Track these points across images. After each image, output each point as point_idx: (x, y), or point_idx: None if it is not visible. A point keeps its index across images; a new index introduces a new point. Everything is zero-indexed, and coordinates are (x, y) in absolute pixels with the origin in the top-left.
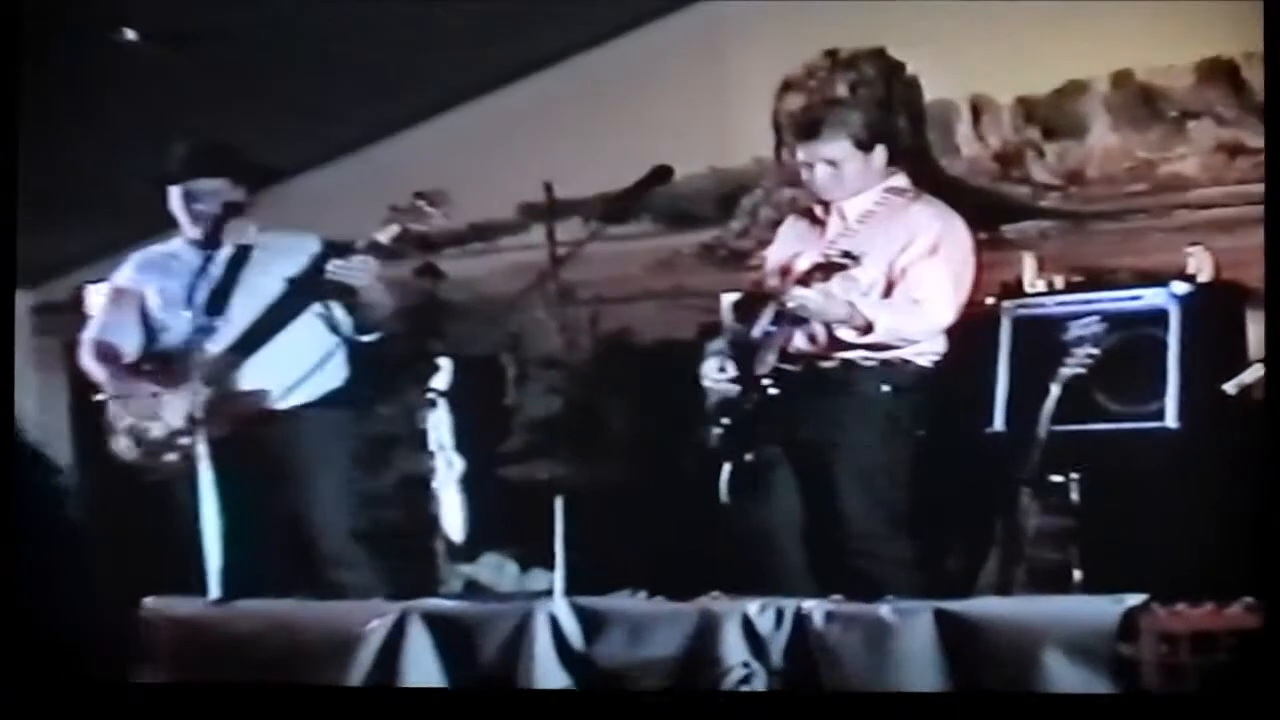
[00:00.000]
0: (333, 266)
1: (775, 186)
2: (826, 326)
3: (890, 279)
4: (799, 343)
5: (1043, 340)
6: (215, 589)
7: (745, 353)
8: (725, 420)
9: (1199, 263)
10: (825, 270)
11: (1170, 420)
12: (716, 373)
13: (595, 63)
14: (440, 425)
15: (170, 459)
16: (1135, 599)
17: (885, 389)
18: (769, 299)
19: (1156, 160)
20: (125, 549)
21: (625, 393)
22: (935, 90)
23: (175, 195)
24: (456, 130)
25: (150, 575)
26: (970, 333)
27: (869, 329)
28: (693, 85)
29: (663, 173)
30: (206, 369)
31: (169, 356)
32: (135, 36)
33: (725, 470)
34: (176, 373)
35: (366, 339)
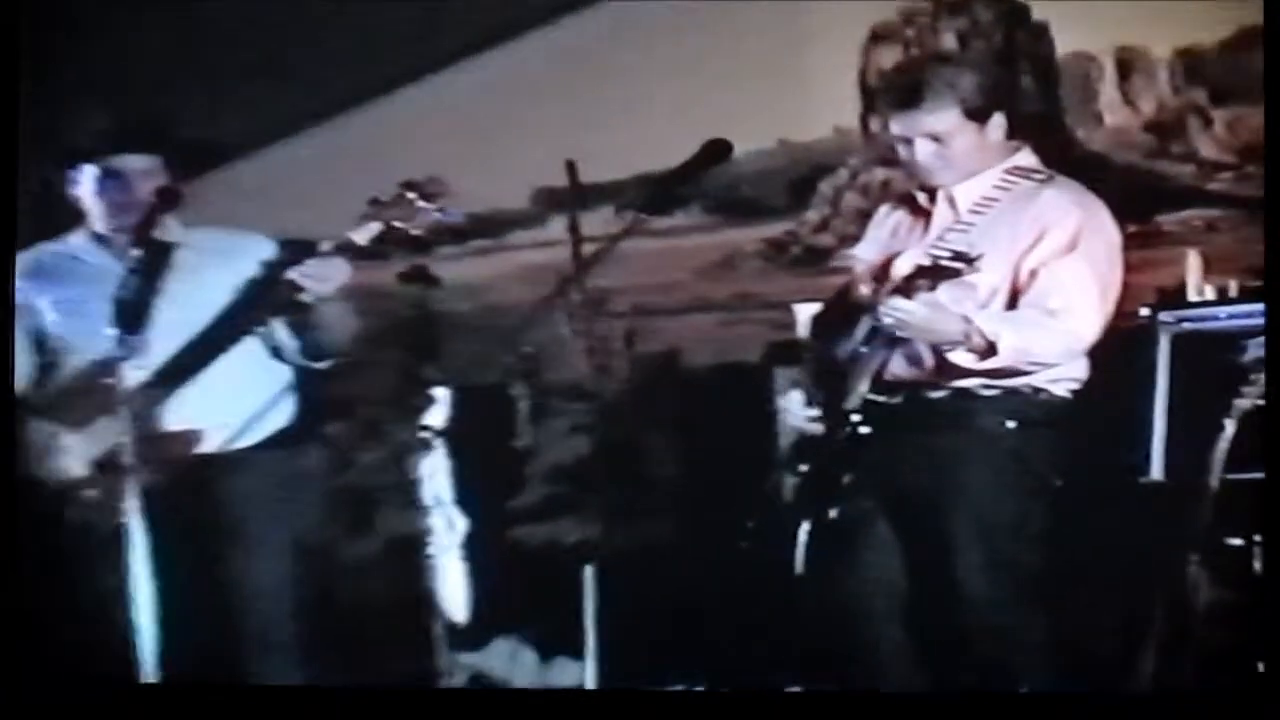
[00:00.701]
0: (293, 274)
1: (863, 166)
2: (934, 347)
3: (1015, 285)
4: (898, 368)
5: (1212, 362)
6: (146, 671)
7: (828, 380)
8: (803, 466)
9: None
10: (932, 275)
11: None
12: (794, 406)
13: (631, 7)
14: (436, 474)
15: (81, 516)
16: None
17: (1010, 425)
18: (859, 311)
19: None
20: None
21: (672, 432)
22: (1070, 42)
23: (87, 178)
24: (452, 97)
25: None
26: (1118, 353)
27: (990, 350)
28: (756, 37)
29: (719, 149)
30: (124, 403)
31: (72, 388)
32: None
33: (803, 530)
34: (81, 408)
35: (316, 365)
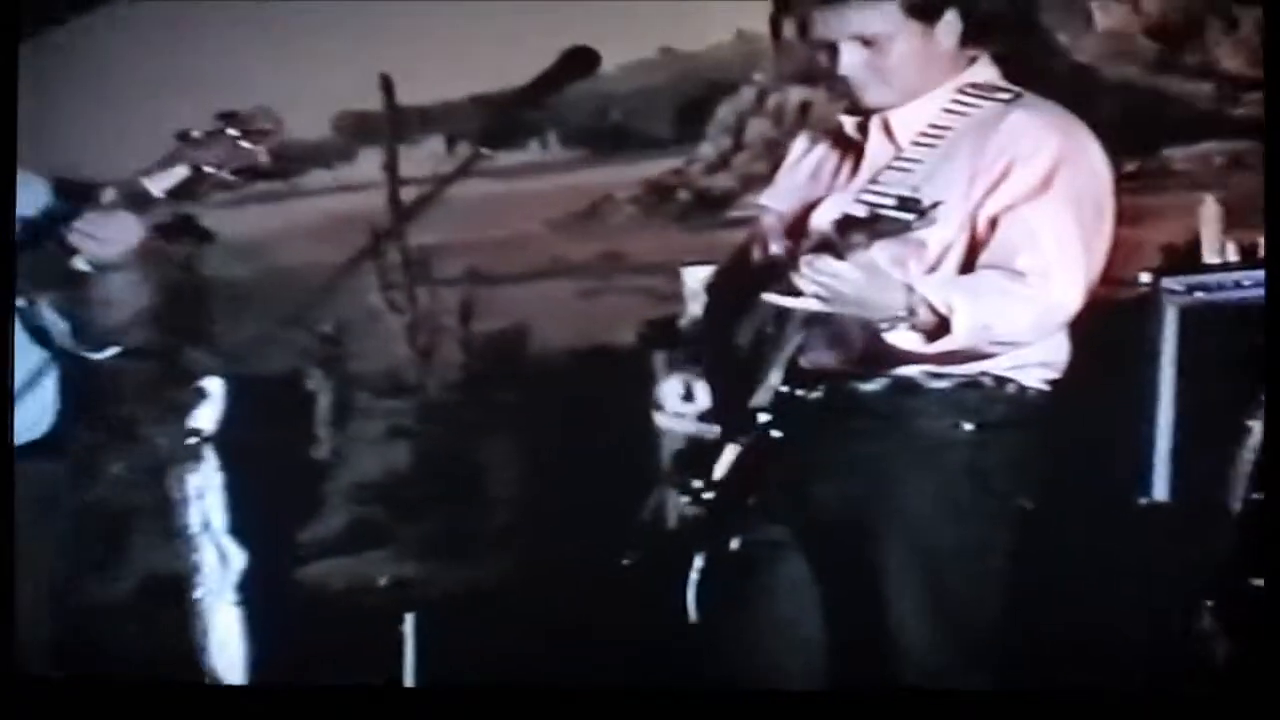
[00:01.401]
0: (67, 232)
1: (774, 84)
2: (867, 325)
3: (974, 240)
4: (819, 353)
5: (1233, 344)
6: None
7: (726, 370)
8: (694, 483)
9: None
10: (866, 229)
11: None
12: (679, 402)
13: None
14: (206, 493)
15: None
16: None
17: (967, 428)
18: (767, 278)
19: None
20: None
21: (518, 437)
22: None
23: None
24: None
25: None
26: (1110, 332)
27: (940, 328)
28: None
29: (582, 60)
30: None
31: None
32: None
33: (695, 567)
34: None
35: (95, 356)
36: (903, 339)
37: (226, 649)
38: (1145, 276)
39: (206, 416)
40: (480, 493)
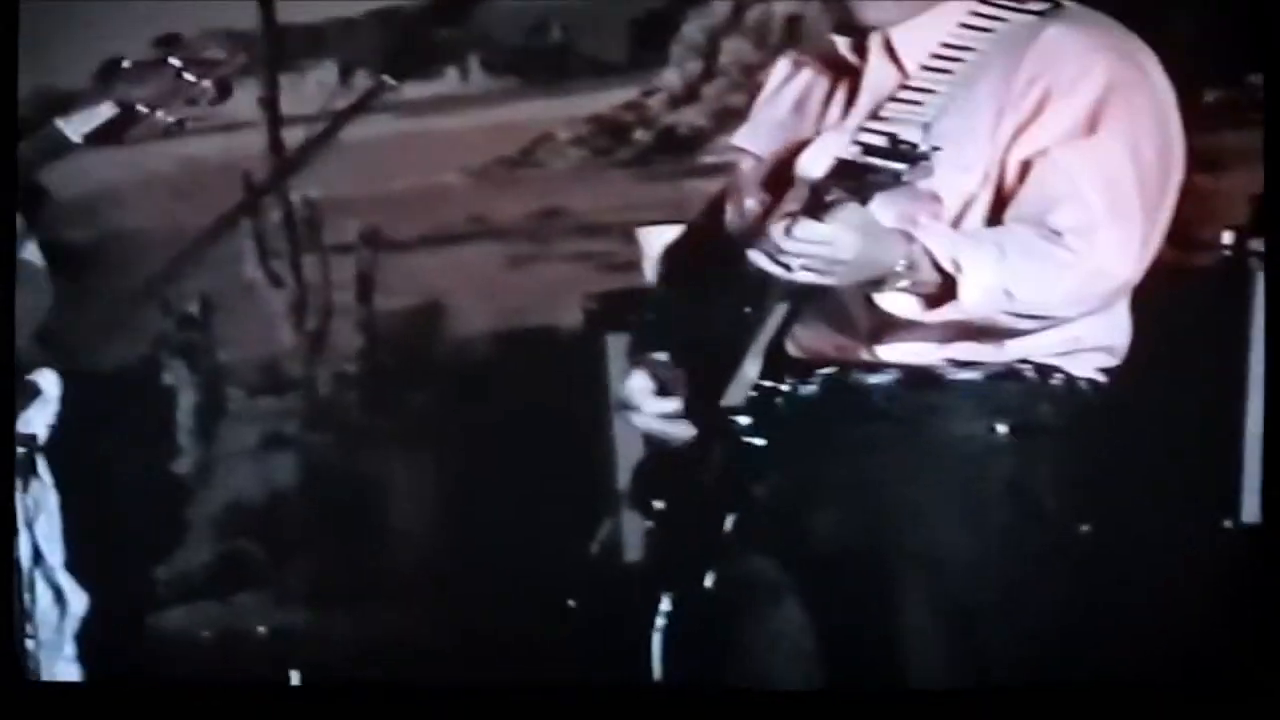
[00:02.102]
0: None
1: None
2: (867, 299)
3: (1000, 189)
4: (812, 335)
5: None
6: None
7: (696, 359)
8: (657, 503)
9: None
10: (855, 178)
11: None
12: (653, 399)
13: None
14: (39, 516)
15: None
16: None
17: (1001, 431)
18: (744, 241)
19: None
20: None
21: (432, 445)
22: None
23: None
24: None
25: None
26: (1184, 306)
27: (945, 290)
28: None
29: None
30: None
31: None
32: None
33: (662, 608)
34: None
35: None
36: (896, 303)
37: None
38: (1228, 236)
39: (38, 420)
40: (382, 520)
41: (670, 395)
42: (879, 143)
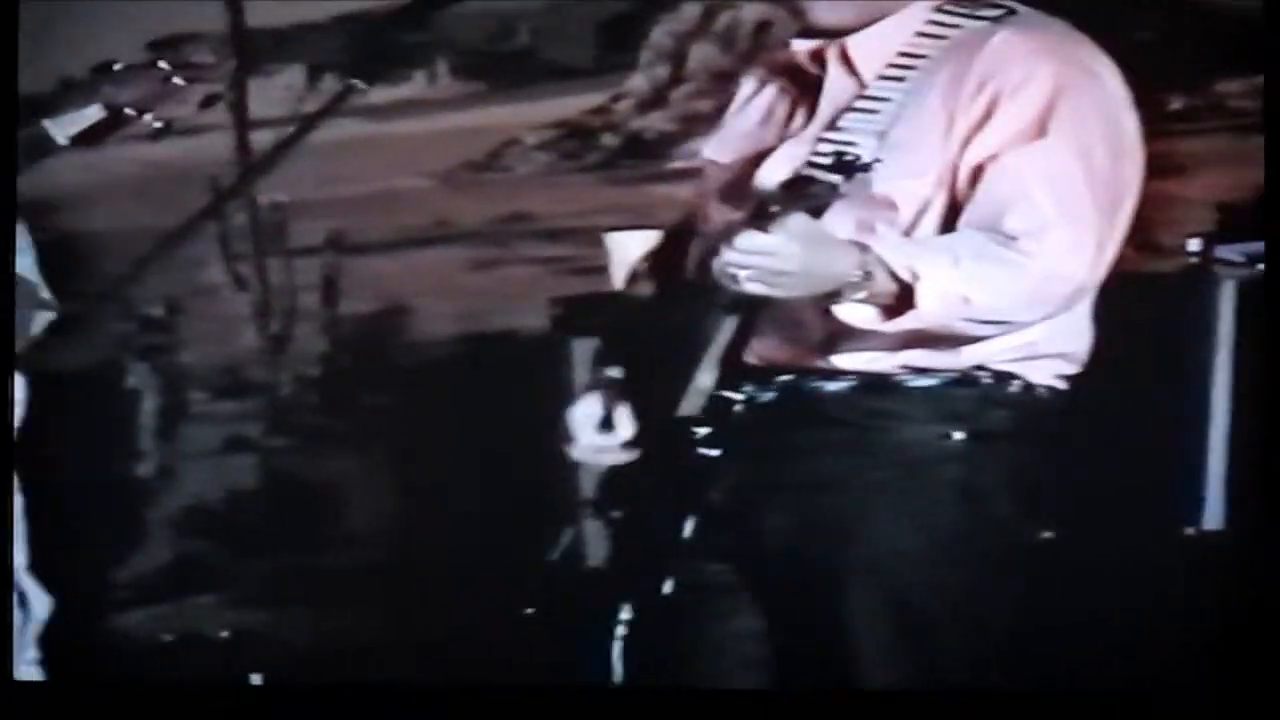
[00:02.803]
0: None
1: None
2: (824, 308)
3: (953, 194)
4: (767, 344)
5: None
6: None
7: (656, 368)
8: (614, 512)
9: None
10: (799, 191)
11: None
12: (594, 433)
13: None
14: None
15: None
16: None
17: (957, 438)
18: (708, 249)
19: None
20: None
21: (396, 448)
22: None
23: None
24: None
25: None
26: (1147, 314)
27: (902, 300)
28: None
29: None
30: None
31: None
32: None
33: (621, 617)
34: None
35: None
36: (855, 314)
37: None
38: (1194, 243)
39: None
40: (344, 523)
41: (614, 426)
42: (822, 156)
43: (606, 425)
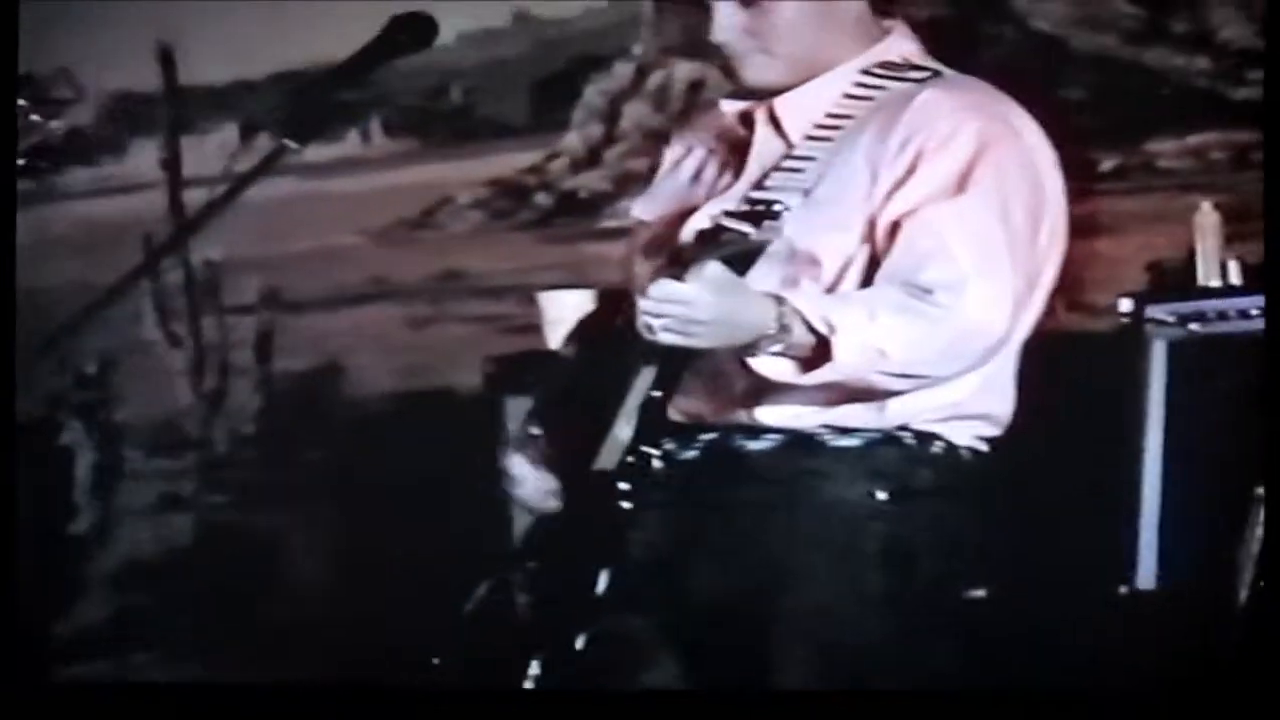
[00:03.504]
0: None
1: (656, 56)
2: (742, 362)
3: (874, 248)
4: (691, 399)
5: (1233, 389)
6: None
7: (578, 423)
8: (530, 564)
9: None
10: (711, 242)
11: None
12: (525, 471)
13: None
14: None
15: None
16: None
17: (881, 498)
18: (628, 306)
19: None
20: None
21: (330, 505)
22: None
23: None
24: None
25: None
26: (1080, 372)
27: (819, 352)
28: None
29: (416, 28)
30: None
31: None
32: None
33: (532, 669)
34: None
35: None
36: (772, 366)
37: None
38: (1125, 303)
39: None
40: (277, 579)
41: (536, 482)
42: (739, 207)
43: (529, 481)
